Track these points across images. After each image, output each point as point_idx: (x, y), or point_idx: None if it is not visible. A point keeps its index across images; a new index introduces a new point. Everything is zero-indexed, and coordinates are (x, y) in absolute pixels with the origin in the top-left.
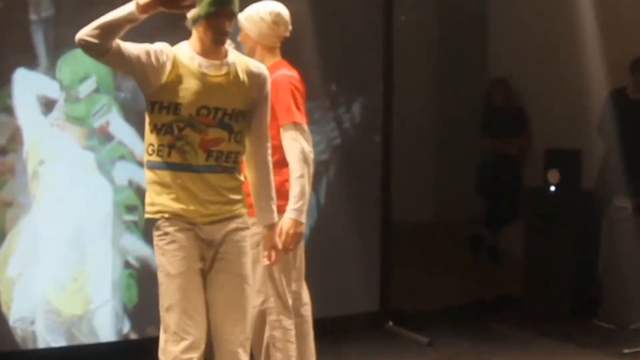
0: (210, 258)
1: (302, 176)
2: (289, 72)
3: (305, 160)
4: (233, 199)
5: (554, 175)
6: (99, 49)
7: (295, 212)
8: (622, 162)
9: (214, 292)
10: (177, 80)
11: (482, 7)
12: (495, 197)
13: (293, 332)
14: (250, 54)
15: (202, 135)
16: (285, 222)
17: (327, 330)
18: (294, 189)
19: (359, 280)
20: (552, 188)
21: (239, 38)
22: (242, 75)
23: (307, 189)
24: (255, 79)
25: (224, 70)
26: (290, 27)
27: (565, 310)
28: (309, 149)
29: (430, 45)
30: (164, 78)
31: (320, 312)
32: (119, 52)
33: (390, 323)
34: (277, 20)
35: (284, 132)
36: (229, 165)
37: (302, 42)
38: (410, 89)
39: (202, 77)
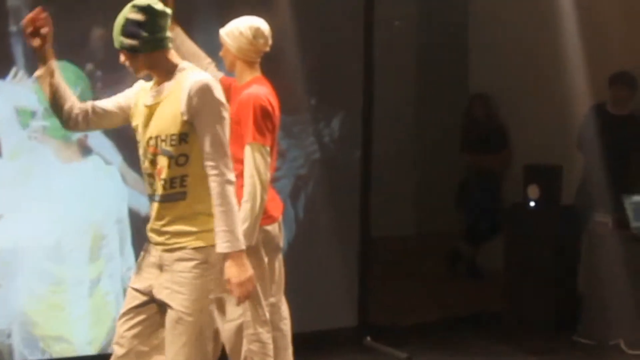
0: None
1: (248, 200)
2: (261, 90)
3: (254, 183)
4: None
5: (534, 190)
6: (67, 125)
7: (240, 239)
8: (602, 177)
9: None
10: (133, 116)
11: (462, 22)
12: (475, 212)
13: (271, 346)
14: (231, 68)
15: (154, 165)
16: None
17: (305, 344)
18: (240, 213)
19: (337, 294)
20: (532, 203)
21: (220, 53)
22: (176, 95)
23: (257, 211)
24: (185, 94)
25: (162, 96)
26: (270, 42)
27: (545, 326)
28: (264, 170)
29: (410, 60)
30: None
31: (298, 326)
32: (98, 114)
33: (369, 338)
34: (256, 35)
35: (245, 152)
36: (174, 191)
37: (282, 56)
38: (390, 104)
39: (144, 108)
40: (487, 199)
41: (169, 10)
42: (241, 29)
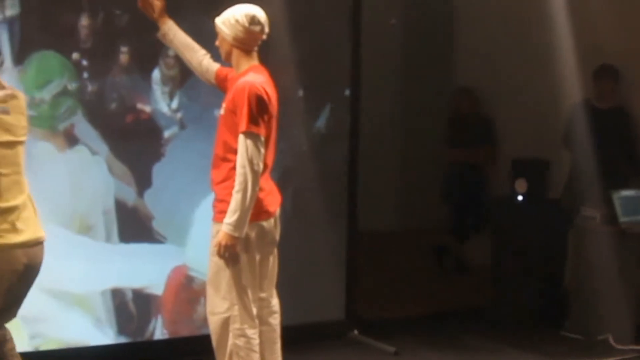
0: None
1: (239, 191)
2: (257, 79)
3: (246, 173)
4: None
5: (521, 184)
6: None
7: (228, 226)
8: (589, 171)
9: None
10: None
11: (447, 15)
12: (461, 206)
13: (256, 342)
14: (227, 58)
15: None
16: (220, 234)
17: (292, 338)
18: (231, 203)
19: (324, 288)
20: (520, 197)
21: (216, 42)
22: None
23: (247, 202)
24: None
25: None
26: (266, 30)
27: (532, 320)
28: (257, 160)
29: (395, 54)
30: None
31: (286, 320)
32: None
33: (356, 332)
34: (252, 22)
35: (239, 141)
36: None
37: (269, 48)
38: (375, 96)
39: None
40: (473, 193)
41: None
42: (237, 17)
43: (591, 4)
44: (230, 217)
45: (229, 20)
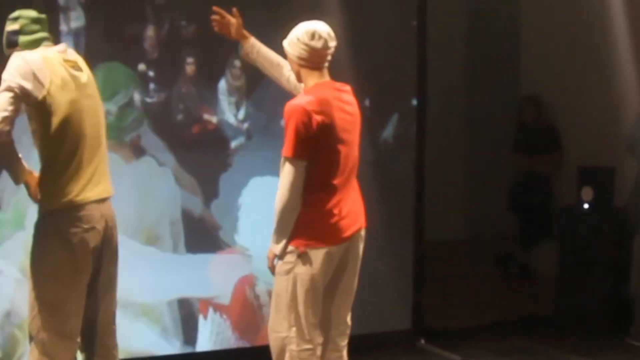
0: None
1: (275, 212)
2: (304, 99)
3: (279, 198)
4: None
5: (587, 192)
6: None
7: (272, 243)
8: None
9: None
10: None
11: (513, 23)
12: (527, 214)
13: None
14: (298, 78)
15: None
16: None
17: (359, 347)
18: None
19: (391, 297)
20: (586, 206)
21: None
22: None
23: (282, 225)
24: None
25: None
26: (330, 44)
27: (598, 328)
28: (289, 186)
29: (461, 62)
30: None
31: (353, 329)
32: None
33: (423, 341)
34: (313, 38)
35: (281, 164)
36: None
37: (334, 59)
38: (441, 105)
39: None
40: (539, 201)
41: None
42: (298, 35)
43: None
44: (272, 235)
45: (292, 41)
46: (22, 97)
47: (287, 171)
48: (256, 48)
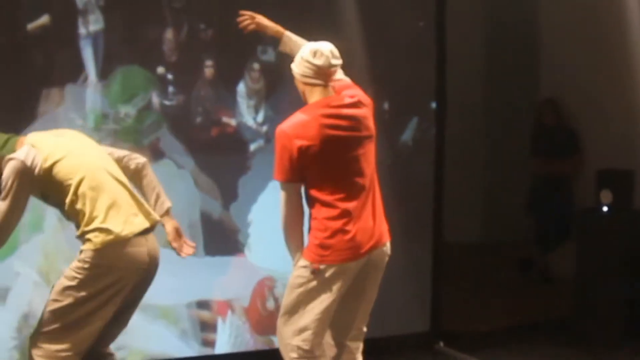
0: None
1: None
2: (289, 123)
3: (280, 219)
4: None
5: (606, 195)
6: None
7: None
8: None
9: None
10: None
11: (533, 26)
12: (546, 217)
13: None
14: (303, 97)
15: None
16: None
17: (377, 350)
18: None
19: (409, 300)
20: (605, 208)
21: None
22: None
23: (288, 246)
24: None
25: None
26: (333, 62)
27: (617, 332)
28: (284, 209)
29: (480, 65)
30: None
31: (371, 332)
32: None
33: (441, 344)
34: (315, 55)
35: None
36: None
37: (353, 62)
38: (460, 109)
39: None
40: (558, 205)
41: None
42: (302, 55)
43: None
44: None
45: (297, 60)
46: None
47: (281, 192)
48: (290, 44)
